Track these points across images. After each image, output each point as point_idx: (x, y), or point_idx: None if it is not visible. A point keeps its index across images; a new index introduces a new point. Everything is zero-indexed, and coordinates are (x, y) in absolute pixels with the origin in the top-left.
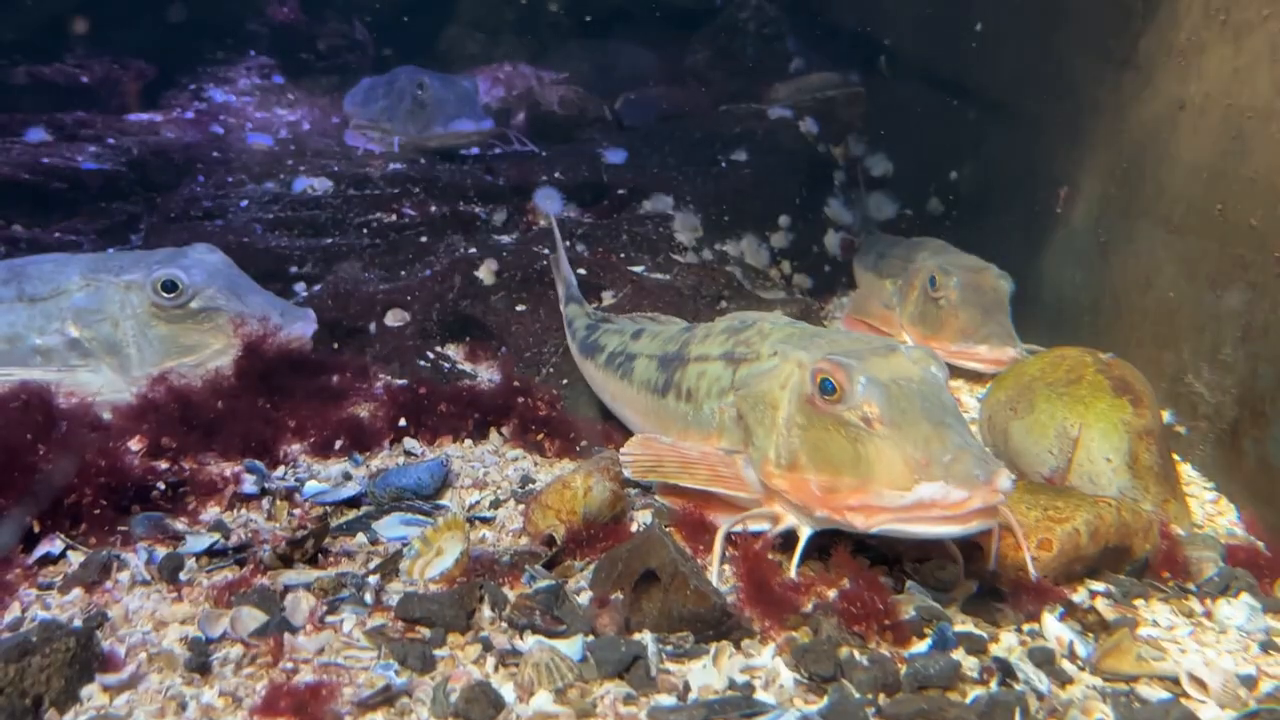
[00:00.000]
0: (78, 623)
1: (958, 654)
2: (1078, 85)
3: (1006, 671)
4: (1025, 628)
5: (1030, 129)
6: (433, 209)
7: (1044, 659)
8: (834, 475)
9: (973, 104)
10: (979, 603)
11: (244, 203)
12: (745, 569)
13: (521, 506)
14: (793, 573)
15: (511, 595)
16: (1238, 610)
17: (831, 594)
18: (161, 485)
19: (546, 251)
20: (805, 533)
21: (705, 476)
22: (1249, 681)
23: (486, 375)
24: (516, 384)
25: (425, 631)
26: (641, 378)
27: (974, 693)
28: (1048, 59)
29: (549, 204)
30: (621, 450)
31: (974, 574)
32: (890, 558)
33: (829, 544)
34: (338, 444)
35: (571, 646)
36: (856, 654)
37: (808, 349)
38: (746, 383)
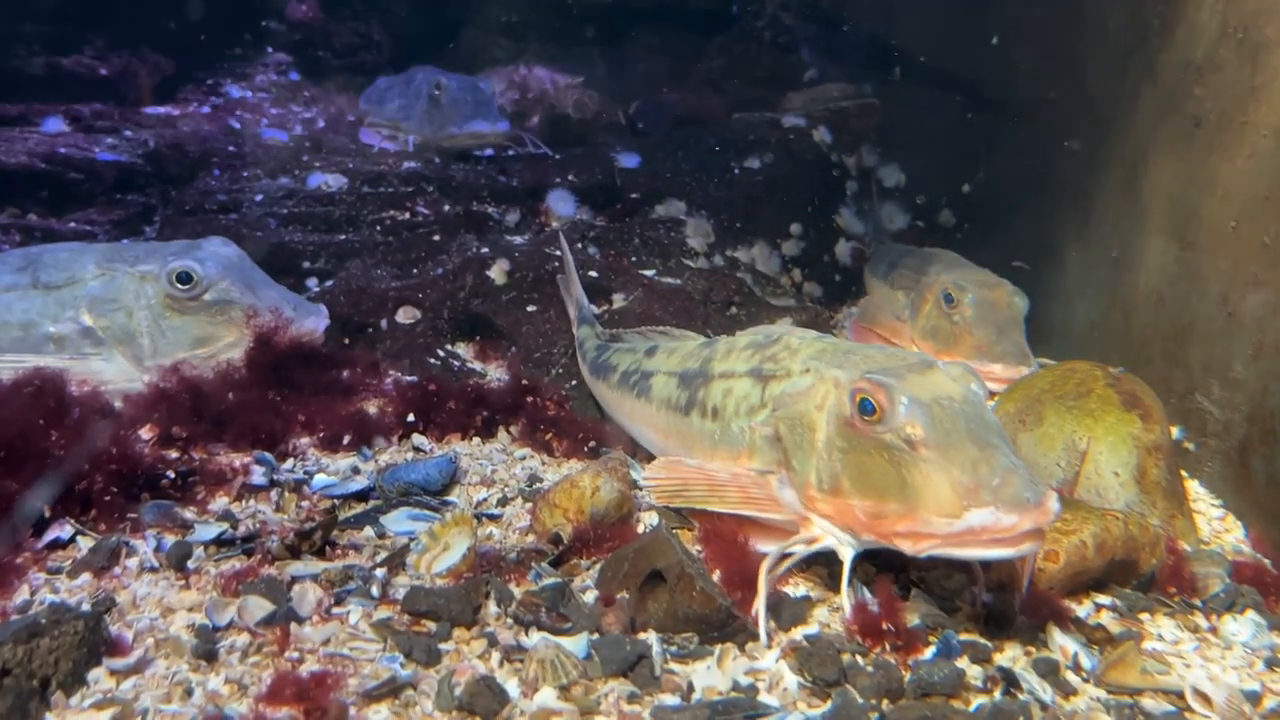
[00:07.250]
0: (86, 607)
1: (962, 662)
2: (1093, 100)
3: (1011, 681)
4: (1030, 638)
5: (1045, 143)
6: (446, 208)
7: (1048, 670)
8: (879, 501)
9: (987, 117)
10: (984, 612)
11: (258, 197)
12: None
13: (529, 505)
14: (845, 602)
15: (518, 592)
16: (1243, 626)
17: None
18: (171, 474)
19: (558, 254)
20: (848, 555)
21: (737, 499)
22: (1253, 698)
23: (496, 374)
24: (525, 383)
25: (431, 625)
26: (661, 396)
27: (978, 701)
28: (1064, 74)
29: (562, 206)
30: (644, 474)
31: (976, 580)
32: (896, 565)
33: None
34: (347, 438)
35: (577, 644)
36: (861, 659)
37: (843, 367)
38: (781, 402)
